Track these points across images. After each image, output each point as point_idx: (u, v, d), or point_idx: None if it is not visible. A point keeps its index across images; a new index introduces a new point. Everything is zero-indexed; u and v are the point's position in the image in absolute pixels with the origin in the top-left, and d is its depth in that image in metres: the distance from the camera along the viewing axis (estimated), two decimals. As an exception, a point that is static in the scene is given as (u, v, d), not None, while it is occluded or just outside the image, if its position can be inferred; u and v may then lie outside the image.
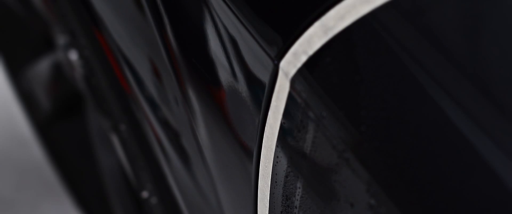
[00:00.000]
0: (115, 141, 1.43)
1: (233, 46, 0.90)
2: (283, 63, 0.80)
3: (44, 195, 2.23)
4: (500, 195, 0.65)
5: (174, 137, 1.14)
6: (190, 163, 1.11)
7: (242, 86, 0.90)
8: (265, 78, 0.83)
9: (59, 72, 2.00)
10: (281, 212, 0.86)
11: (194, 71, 1.00)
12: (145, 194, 1.38)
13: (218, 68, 0.94)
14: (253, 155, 0.89)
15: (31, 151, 2.30)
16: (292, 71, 0.79)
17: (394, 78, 0.72)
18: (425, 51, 0.71)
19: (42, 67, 2.06)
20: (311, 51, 0.77)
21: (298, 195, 0.83)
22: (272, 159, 0.85)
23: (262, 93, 0.84)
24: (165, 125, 1.15)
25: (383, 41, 0.74)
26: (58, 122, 2.08)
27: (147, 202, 1.39)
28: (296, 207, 0.83)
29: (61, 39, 1.64)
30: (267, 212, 0.89)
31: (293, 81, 0.79)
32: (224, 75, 0.93)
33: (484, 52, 0.70)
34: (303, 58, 0.78)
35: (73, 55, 1.55)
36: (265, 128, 0.84)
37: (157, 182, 1.30)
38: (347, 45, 0.76)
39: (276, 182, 0.85)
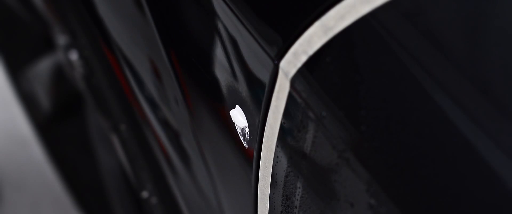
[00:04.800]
0: (115, 141, 1.43)
1: (233, 46, 0.90)
2: (283, 63, 0.80)
3: (44, 195, 2.23)
4: (500, 194, 0.65)
5: (174, 137, 1.14)
6: (190, 163, 1.11)
7: (242, 86, 0.90)
8: (265, 78, 0.83)
9: (59, 72, 2.00)
10: (281, 212, 0.86)
11: (194, 71, 1.00)
12: (145, 194, 1.38)
13: (218, 68, 0.94)
14: (253, 155, 0.89)
15: (31, 151, 2.30)
16: (292, 71, 0.79)
17: (394, 78, 0.72)
18: (425, 51, 0.71)
19: (42, 67, 2.06)
20: (311, 51, 0.77)
21: (298, 195, 0.82)
22: (272, 159, 0.85)
23: (262, 93, 0.84)
24: (165, 125, 1.15)
25: (383, 41, 0.74)
26: (58, 122, 2.08)
27: (147, 202, 1.39)
28: (296, 207, 0.83)
29: (61, 39, 1.64)
30: (267, 212, 0.89)
31: (293, 81, 0.79)
32: (224, 75, 0.93)
33: (484, 52, 0.70)
34: (303, 58, 0.78)
35: (73, 55, 1.55)
36: (265, 128, 0.84)
37: (157, 182, 1.30)
38: (347, 45, 0.76)
39: (276, 182, 0.85)
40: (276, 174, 0.85)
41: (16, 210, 2.22)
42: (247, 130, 0.90)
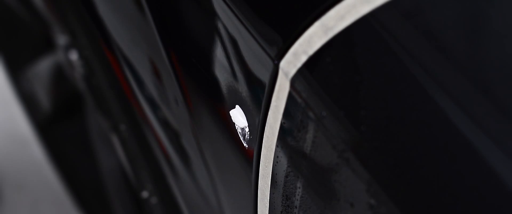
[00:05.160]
0: (115, 141, 1.44)
1: (233, 46, 0.90)
2: (283, 63, 0.80)
3: (44, 195, 2.24)
4: (500, 194, 0.65)
5: (174, 137, 1.14)
6: (190, 163, 1.11)
7: (242, 86, 0.90)
8: (265, 78, 0.83)
9: (59, 72, 2.00)
10: (281, 212, 0.86)
11: (194, 71, 1.00)
12: (145, 194, 1.38)
13: (218, 68, 0.94)
14: (253, 155, 0.89)
15: (31, 151, 2.30)
16: (292, 71, 0.79)
17: (394, 78, 0.72)
18: (425, 51, 0.71)
19: (42, 67, 2.06)
20: (311, 51, 0.77)
21: (298, 195, 0.82)
22: (272, 159, 0.85)
23: (262, 93, 0.84)
24: (165, 125, 1.15)
25: (383, 41, 0.74)
26: (58, 122, 2.08)
27: (147, 202, 1.39)
28: (296, 207, 0.83)
29: (61, 39, 1.64)
30: (267, 212, 0.89)
31: (293, 81, 0.79)
32: (224, 75, 0.93)
33: (484, 52, 0.70)
34: (303, 58, 0.78)
35: (73, 55, 1.55)
36: (265, 128, 0.84)
37: (157, 182, 1.30)
38: (347, 45, 0.76)
39: (276, 182, 0.85)
40: (276, 174, 0.85)
41: (16, 210, 2.22)
42: (247, 130, 0.90)
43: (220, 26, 0.91)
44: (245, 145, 0.91)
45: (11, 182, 2.26)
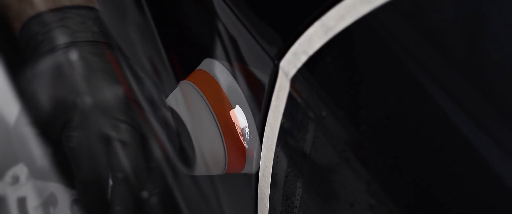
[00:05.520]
0: (115, 141, 1.43)
1: (233, 46, 0.90)
2: (283, 63, 0.80)
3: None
4: (500, 195, 0.65)
5: (174, 136, 1.14)
6: (190, 163, 1.11)
7: (242, 86, 0.90)
8: (265, 78, 0.83)
9: (59, 72, 2.00)
10: (281, 212, 0.86)
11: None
12: (145, 194, 1.38)
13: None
14: (253, 155, 0.89)
15: (31, 151, 2.30)
16: (292, 71, 0.79)
17: (394, 78, 0.72)
18: (425, 51, 0.71)
19: (42, 67, 2.06)
20: (311, 51, 0.77)
21: (298, 195, 0.82)
22: (272, 159, 0.85)
23: (262, 93, 0.84)
24: (165, 125, 1.15)
25: (383, 41, 0.74)
26: (58, 123, 2.07)
27: (147, 202, 1.39)
28: (296, 207, 0.83)
29: (61, 39, 1.64)
30: (267, 212, 0.89)
31: (293, 81, 0.79)
32: (224, 75, 0.93)
33: (484, 52, 0.70)
34: (303, 58, 0.78)
35: (73, 55, 1.55)
36: (265, 128, 0.84)
37: (157, 182, 1.30)
38: (347, 45, 0.76)
39: (276, 182, 0.85)
40: (276, 174, 0.85)
41: (16, 210, 2.22)
42: (247, 130, 0.90)
43: (220, 26, 0.91)
44: (245, 145, 0.91)
45: (11, 182, 2.26)
